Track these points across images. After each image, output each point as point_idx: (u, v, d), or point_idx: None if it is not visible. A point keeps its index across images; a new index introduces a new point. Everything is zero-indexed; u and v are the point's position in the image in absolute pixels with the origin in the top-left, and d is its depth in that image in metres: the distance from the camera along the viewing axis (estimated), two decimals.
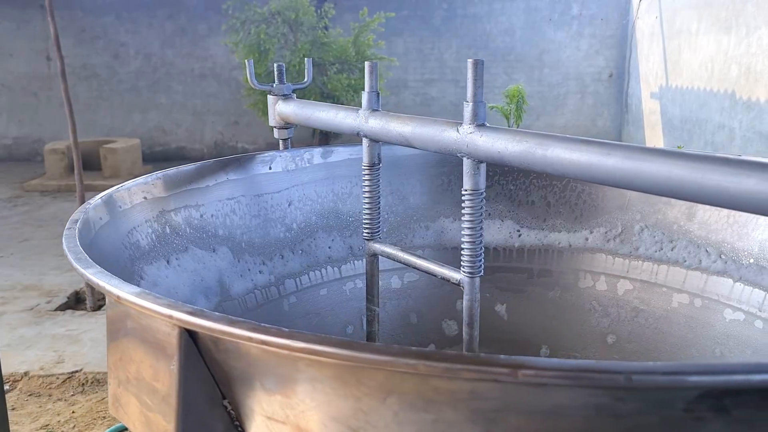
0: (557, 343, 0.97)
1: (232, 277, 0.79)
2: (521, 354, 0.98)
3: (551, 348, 0.98)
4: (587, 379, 0.28)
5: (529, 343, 0.99)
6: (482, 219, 0.69)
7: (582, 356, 0.94)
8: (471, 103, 0.64)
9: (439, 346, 0.98)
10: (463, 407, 0.32)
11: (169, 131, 7.21)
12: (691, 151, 0.51)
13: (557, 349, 0.98)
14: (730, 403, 0.30)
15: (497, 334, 1.01)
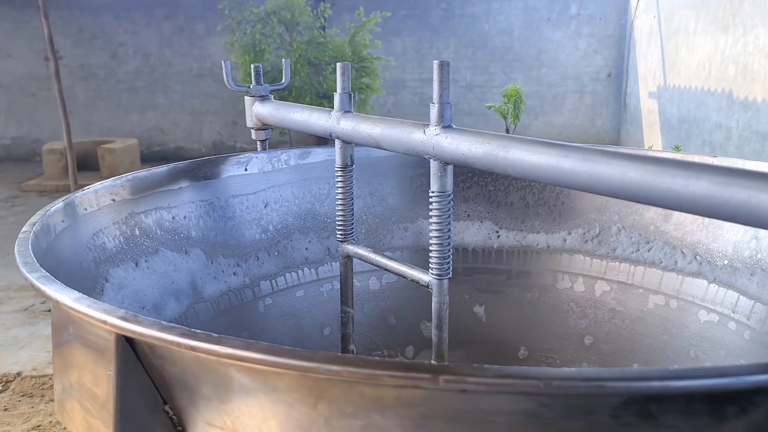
0: (535, 344, 0.97)
1: (204, 279, 0.79)
2: (500, 356, 0.98)
3: (529, 349, 0.97)
4: (508, 386, 0.28)
5: (508, 344, 0.99)
6: (450, 221, 0.69)
7: (560, 358, 0.94)
8: (437, 105, 0.63)
9: (418, 347, 0.98)
10: (391, 413, 0.32)
11: (168, 131, 7.22)
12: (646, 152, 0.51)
13: (535, 350, 0.98)
14: (656, 409, 0.29)
15: (476, 335, 1.01)
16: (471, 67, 7.22)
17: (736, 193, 0.41)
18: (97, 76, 7.01)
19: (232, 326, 0.83)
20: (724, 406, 0.30)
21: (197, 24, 6.87)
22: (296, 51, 4.05)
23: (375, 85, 4.26)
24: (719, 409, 0.30)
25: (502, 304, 0.99)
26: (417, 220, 0.99)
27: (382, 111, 7.19)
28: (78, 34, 6.93)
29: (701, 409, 0.30)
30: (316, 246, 0.92)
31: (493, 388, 0.28)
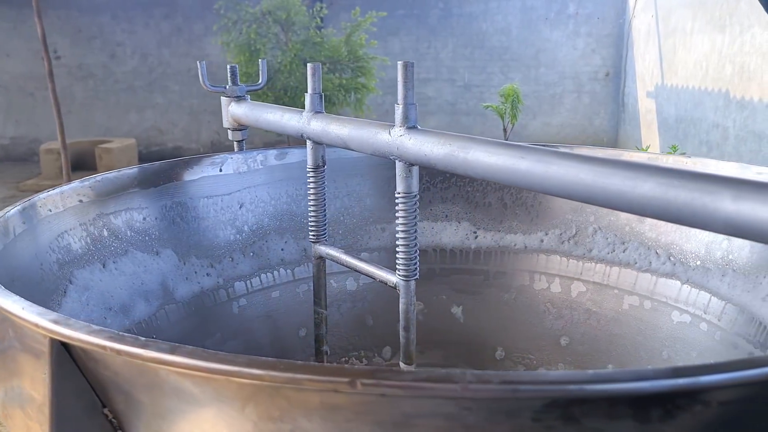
0: (512, 345, 0.97)
1: (176, 281, 0.79)
2: (477, 356, 0.98)
3: (506, 350, 0.97)
4: (425, 390, 0.28)
5: (485, 345, 0.99)
6: (416, 222, 0.69)
7: (537, 358, 0.93)
8: (401, 106, 0.63)
9: (395, 348, 0.98)
10: (316, 417, 0.31)
11: (166, 131, 7.23)
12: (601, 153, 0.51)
13: (512, 351, 0.98)
14: (579, 413, 0.29)
15: (453, 336, 1.01)
16: (469, 66, 7.21)
17: (680, 195, 0.41)
18: (96, 75, 7.01)
19: (205, 327, 0.83)
20: (648, 409, 0.30)
21: (195, 24, 6.87)
22: (291, 51, 4.05)
23: (371, 85, 4.26)
24: (643, 413, 0.30)
25: (480, 305, 0.99)
26: (394, 221, 0.99)
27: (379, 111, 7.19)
28: (76, 34, 6.94)
29: (625, 412, 0.29)
30: (293, 247, 0.92)
31: (410, 392, 0.28)
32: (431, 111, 7.33)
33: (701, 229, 0.42)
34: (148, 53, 6.98)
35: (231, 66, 0.97)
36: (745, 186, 0.39)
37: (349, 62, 4.21)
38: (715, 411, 0.31)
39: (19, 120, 7.03)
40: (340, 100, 4.15)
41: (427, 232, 1.00)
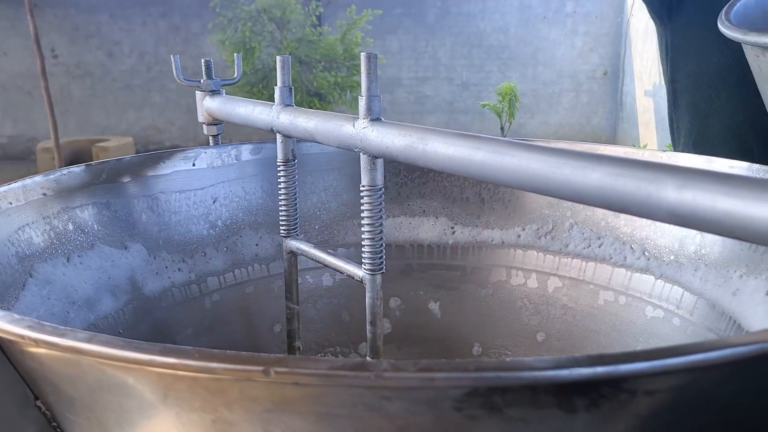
0: (489, 341, 0.97)
1: (146, 275, 0.78)
2: (454, 353, 0.97)
3: (483, 346, 0.97)
4: (340, 378, 0.28)
5: (462, 341, 0.99)
6: (382, 215, 0.68)
7: (513, 354, 0.93)
8: (365, 97, 0.63)
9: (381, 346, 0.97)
10: (237, 407, 0.31)
11: (163, 129, 7.23)
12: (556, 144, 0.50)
13: (489, 347, 0.97)
14: (501, 401, 0.29)
15: (430, 332, 1.00)
16: (467, 65, 7.21)
17: (627, 184, 0.41)
18: (93, 74, 7.02)
19: (176, 323, 0.82)
20: (572, 398, 0.29)
21: (193, 22, 6.87)
22: (287, 49, 4.05)
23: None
24: (567, 402, 0.29)
25: (457, 301, 0.98)
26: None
27: None
28: (74, 33, 6.94)
29: (549, 401, 0.29)
30: (267, 242, 0.92)
31: (324, 381, 0.28)
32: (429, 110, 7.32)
33: (647, 218, 0.41)
34: (146, 52, 6.98)
35: (205, 60, 0.96)
36: (689, 175, 0.38)
37: (344, 60, 4.20)
38: (642, 400, 0.30)
39: (17, 119, 7.03)
40: (336, 98, 4.15)
41: (404, 228, 1.00)
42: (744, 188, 0.36)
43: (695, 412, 0.33)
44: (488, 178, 0.52)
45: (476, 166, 0.52)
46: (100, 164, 0.78)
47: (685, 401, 0.32)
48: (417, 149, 0.58)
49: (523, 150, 0.49)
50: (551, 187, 0.46)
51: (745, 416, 0.35)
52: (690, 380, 0.31)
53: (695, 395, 0.32)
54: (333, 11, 6.16)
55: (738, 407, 0.34)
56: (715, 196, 0.37)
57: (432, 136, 0.57)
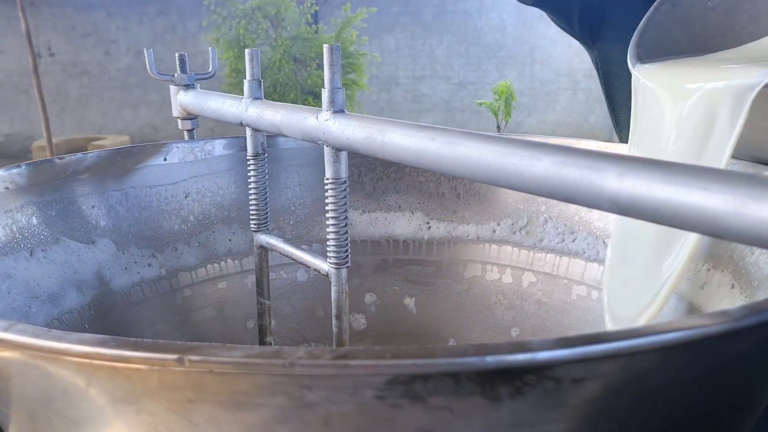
0: (465, 336, 0.96)
1: (114, 270, 0.77)
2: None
3: (458, 341, 0.96)
4: (252, 366, 0.27)
5: (437, 336, 0.98)
6: (347, 209, 0.68)
7: None
8: (328, 90, 0.62)
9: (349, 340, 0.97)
10: (159, 397, 0.30)
11: (160, 128, 7.22)
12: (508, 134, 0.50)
13: (464, 342, 0.97)
14: (424, 390, 0.28)
15: (406, 328, 0.99)
16: (464, 64, 7.19)
17: (571, 173, 0.40)
18: (90, 72, 7.01)
19: (145, 318, 0.82)
20: (496, 386, 0.29)
21: (189, 21, 6.87)
22: (281, 47, 4.04)
23: (361, 82, 4.25)
24: (491, 390, 0.29)
25: (433, 296, 0.98)
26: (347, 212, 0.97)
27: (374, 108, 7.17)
28: (70, 31, 6.93)
29: (472, 389, 0.28)
30: (241, 237, 0.91)
31: (239, 369, 0.27)
32: (426, 108, 7.31)
33: (593, 208, 0.41)
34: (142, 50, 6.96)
35: (179, 54, 0.96)
36: (630, 163, 0.38)
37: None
38: (570, 388, 0.30)
39: (13, 117, 7.02)
40: None
41: (380, 223, 0.99)
42: (679, 175, 0.36)
43: (627, 401, 0.32)
44: (443, 169, 0.51)
45: (431, 156, 0.52)
46: (66, 158, 0.78)
47: (615, 389, 0.32)
48: (376, 141, 0.57)
49: (474, 140, 0.48)
50: (501, 177, 0.46)
51: (680, 404, 0.35)
52: (617, 368, 0.31)
53: (626, 383, 0.31)
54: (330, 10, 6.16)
55: (672, 395, 0.34)
56: (653, 184, 0.36)
57: (390, 128, 0.56)
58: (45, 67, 6.84)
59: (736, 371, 0.35)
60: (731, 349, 0.33)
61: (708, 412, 0.37)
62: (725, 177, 0.34)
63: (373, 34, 6.41)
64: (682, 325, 0.30)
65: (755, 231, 0.32)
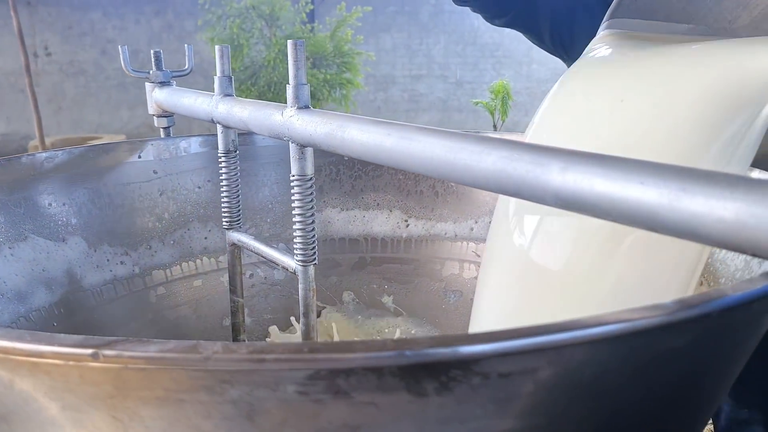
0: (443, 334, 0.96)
1: (85, 268, 0.77)
2: None
3: None
4: (168, 361, 0.27)
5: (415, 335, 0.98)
6: (313, 205, 0.67)
7: None
8: (292, 86, 0.62)
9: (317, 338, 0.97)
10: (80, 392, 0.30)
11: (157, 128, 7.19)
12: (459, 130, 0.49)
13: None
14: (346, 385, 0.28)
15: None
16: (461, 63, 7.19)
17: (518, 167, 0.40)
18: (87, 72, 7.00)
19: (117, 316, 0.81)
20: (421, 381, 0.28)
21: (186, 20, 6.86)
22: (276, 46, 4.04)
23: (356, 81, 4.24)
24: (416, 385, 0.28)
25: (410, 294, 0.97)
26: (325, 209, 0.97)
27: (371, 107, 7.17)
28: (67, 31, 6.93)
29: (396, 384, 0.28)
30: (217, 235, 0.91)
31: (153, 364, 0.27)
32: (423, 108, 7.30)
33: (540, 203, 0.41)
34: (139, 50, 6.95)
35: (155, 51, 0.95)
36: (573, 158, 0.37)
37: (334, 58, 4.19)
38: (498, 383, 0.29)
39: (11, 117, 7.02)
40: (325, 95, 4.13)
41: (358, 221, 0.99)
42: (618, 169, 0.35)
43: (558, 396, 0.32)
44: (399, 165, 0.51)
45: (387, 152, 0.51)
46: (36, 156, 0.77)
47: (545, 384, 0.31)
48: (336, 137, 0.57)
49: (428, 135, 0.48)
50: (452, 172, 0.46)
51: (617, 399, 0.34)
52: (545, 362, 0.30)
53: (556, 378, 0.31)
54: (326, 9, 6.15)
55: (607, 390, 0.33)
56: (593, 178, 0.36)
57: (350, 124, 0.56)
58: (42, 66, 6.83)
59: (676, 367, 0.35)
60: (667, 344, 0.33)
61: (649, 408, 0.36)
62: (661, 171, 0.34)
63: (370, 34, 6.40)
64: (609, 319, 0.30)
65: (689, 225, 0.32)
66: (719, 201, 0.31)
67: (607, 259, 0.56)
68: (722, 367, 0.39)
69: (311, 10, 4.57)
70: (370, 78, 6.60)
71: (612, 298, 0.55)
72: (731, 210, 0.30)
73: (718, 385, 0.41)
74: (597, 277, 0.58)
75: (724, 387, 0.41)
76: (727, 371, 0.40)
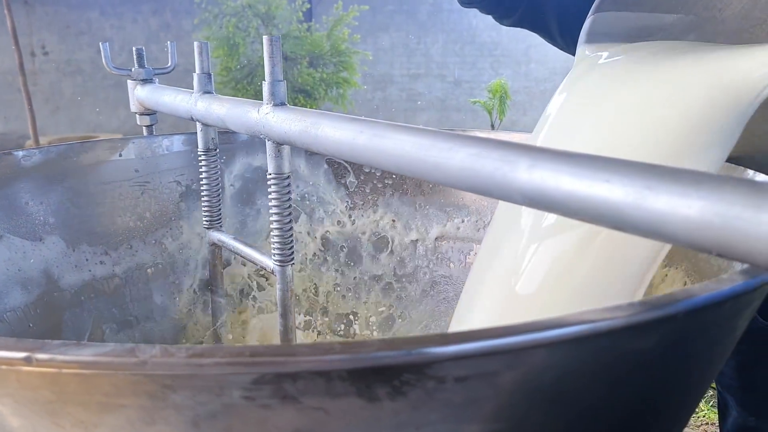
0: None
1: (63, 268, 0.76)
2: None
3: None
4: (103, 365, 0.26)
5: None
6: (291, 204, 0.66)
7: None
8: (268, 82, 0.61)
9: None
10: (21, 398, 0.29)
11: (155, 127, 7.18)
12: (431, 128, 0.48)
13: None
14: (294, 390, 0.27)
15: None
16: (459, 62, 7.18)
17: (486, 165, 0.39)
18: (84, 71, 7.00)
19: (98, 317, 0.80)
20: (372, 386, 0.27)
21: (183, 19, 6.85)
22: None
23: (353, 80, 4.23)
24: (367, 390, 0.27)
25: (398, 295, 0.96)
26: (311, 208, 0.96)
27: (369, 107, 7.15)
28: (65, 30, 6.92)
29: (347, 389, 0.27)
30: (201, 235, 0.90)
31: (88, 368, 0.26)
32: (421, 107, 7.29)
33: (507, 201, 0.39)
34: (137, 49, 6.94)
35: (137, 48, 0.94)
36: (540, 155, 0.36)
37: (331, 57, 4.18)
38: (454, 388, 0.28)
39: (8, 116, 7.01)
40: (322, 94, 4.12)
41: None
42: (585, 167, 0.34)
43: (519, 400, 0.31)
44: (371, 162, 0.50)
45: (359, 150, 0.50)
46: (13, 154, 0.76)
47: (504, 388, 0.30)
48: (310, 134, 0.56)
49: (399, 132, 0.47)
50: (423, 169, 0.44)
51: (583, 404, 0.33)
52: (504, 366, 0.29)
53: (516, 382, 0.30)
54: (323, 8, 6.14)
55: (571, 394, 0.32)
56: (560, 175, 0.35)
57: (323, 121, 0.55)
58: (39, 65, 6.83)
59: (643, 370, 0.34)
60: (631, 347, 0.32)
61: (616, 414, 0.35)
62: (627, 168, 0.33)
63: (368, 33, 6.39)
64: (569, 321, 0.28)
65: (653, 224, 0.31)
66: (683, 199, 0.30)
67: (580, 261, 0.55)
68: (694, 370, 0.38)
69: (308, 9, 4.56)
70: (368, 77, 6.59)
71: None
72: (696, 208, 0.29)
73: (691, 389, 0.40)
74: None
75: (698, 391, 0.40)
76: (700, 374, 0.39)
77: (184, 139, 0.93)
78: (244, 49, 3.99)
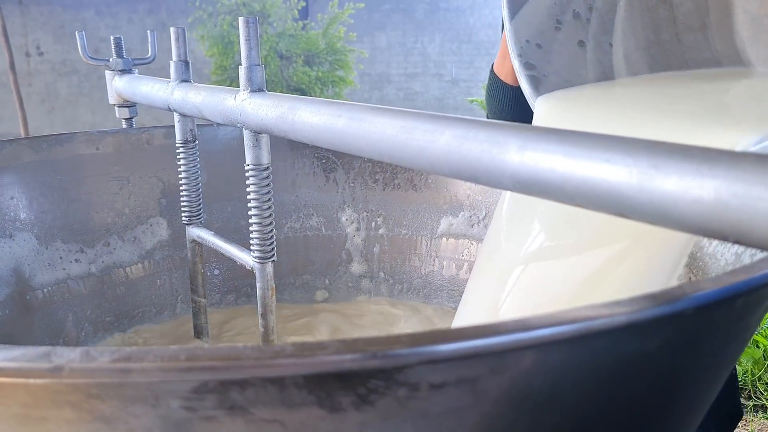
0: None
1: (35, 266, 0.72)
2: None
3: None
4: (12, 372, 0.22)
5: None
6: (271, 197, 0.62)
7: None
8: (245, 66, 0.57)
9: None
10: (11, 403, 0.25)
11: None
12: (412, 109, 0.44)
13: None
14: (243, 400, 0.23)
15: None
16: (456, 61, 7.14)
17: (473, 148, 0.35)
18: (79, 71, 6.95)
19: (72, 318, 0.76)
20: (334, 394, 0.23)
21: (179, 19, 6.80)
22: (267, 43, 3.99)
23: (349, 78, 4.19)
24: (328, 399, 0.23)
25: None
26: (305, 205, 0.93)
27: None
28: (59, 30, 6.87)
29: (304, 398, 0.23)
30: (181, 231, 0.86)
31: (49, 380, 0.22)
32: (419, 106, 7.25)
33: (497, 187, 0.36)
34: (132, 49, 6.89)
35: (115, 37, 0.90)
36: (532, 134, 0.32)
37: (326, 55, 4.14)
38: (429, 396, 0.24)
39: (2, 117, 6.96)
40: (317, 93, 4.08)
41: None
42: (582, 146, 0.30)
43: (503, 409, 0.27)
44: (350, 148, 0.46)
45: (338, 135, 0.46)
46: None
47: (487, 395, 0.26)
48: (287, 120, 0.52)
49: (379, 115, 0.43)
50: (405, 154, 0.41)
51: (571, 411, 0.29)
52: (486, 370, 0.25)
53: (500, 388, 0.26)
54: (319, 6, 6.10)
55: (560, 401, 0.28)
56: (554, 156, 0.31)
57: (301, 105, 0.51)
58: (34, 66, 6.78)
59: (646, 374, 0.30)
60: (633, 348, 0.28)
61: (616, 424, 0.31)
62: (629, 146, 0.29)
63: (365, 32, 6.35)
64: (561, 319, 0.25)
65: (661, 207, 0.27)
66: (696, 179, 0.26)
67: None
68: (703, 374, 0.34)
69: (303, 7, 4.52)
70: (365, 76, 6.55)
71: None
72: (710, 189, 0.25)
73: (699, 396, 0.36)
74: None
75: (706, 398, 0.36)
76: (709, 379, 0.35)
77: (164, 133, 0.89)
78: (238, 47, 3.94)
